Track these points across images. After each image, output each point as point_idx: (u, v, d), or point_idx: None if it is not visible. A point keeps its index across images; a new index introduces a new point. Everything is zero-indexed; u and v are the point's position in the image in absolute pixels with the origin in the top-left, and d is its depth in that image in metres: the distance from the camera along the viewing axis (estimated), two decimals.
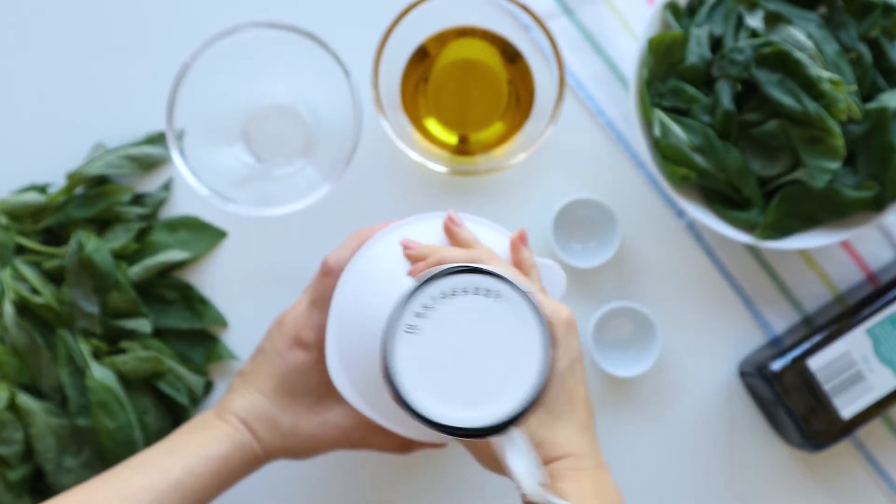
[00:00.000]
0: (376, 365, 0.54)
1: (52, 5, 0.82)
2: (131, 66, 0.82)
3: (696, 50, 0.77)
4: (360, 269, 0.66)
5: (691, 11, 0.79)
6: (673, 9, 0.78)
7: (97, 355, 0.78)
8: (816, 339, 0.78)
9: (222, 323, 0.81)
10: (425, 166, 0.76)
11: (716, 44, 0.78)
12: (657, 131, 0.77)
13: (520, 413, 0.52)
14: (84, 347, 0.77)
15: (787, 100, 0.75)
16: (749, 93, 0.77)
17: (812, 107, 0.74)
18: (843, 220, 0.79)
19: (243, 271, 0.82)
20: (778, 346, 0.80)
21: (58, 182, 0.81)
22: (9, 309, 0.77)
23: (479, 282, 0.52)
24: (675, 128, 0.77)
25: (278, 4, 0.82)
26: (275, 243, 0.82)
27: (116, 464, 0.69)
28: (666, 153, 0.77)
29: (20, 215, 0.79)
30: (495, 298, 0.52)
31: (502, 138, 0.80)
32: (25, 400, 0.77)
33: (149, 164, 0.81)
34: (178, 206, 0.82)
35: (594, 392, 0.82)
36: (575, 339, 0.60)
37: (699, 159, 0.77)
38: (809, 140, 0.75)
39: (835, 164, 0.75)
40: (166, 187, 0.82)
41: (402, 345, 0.52)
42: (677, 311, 0.83)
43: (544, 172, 0.83)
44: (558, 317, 0.59)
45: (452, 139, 0.81)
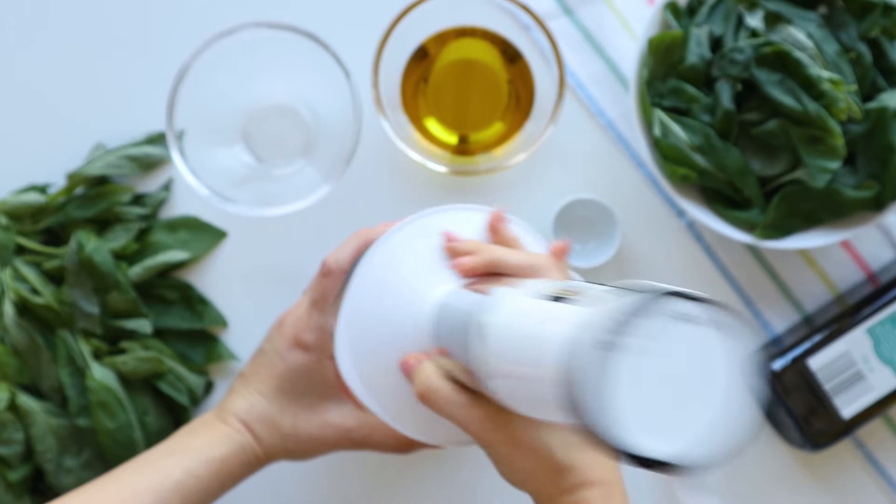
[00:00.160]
0: (393, 360, 0.53)
1: (53, 5, 0.82)
2: (131, 66, 0.82)
3: (696, 50, 0.77)
4: (381, 260, 0.63)
5: (691, 11, 0.79)
6: (673, 9, 0.78)
7: (97, 355, 0.78)
8: (816, 338, 0.78)
9: (222, 323, 0.81)
10: (425, 166, 0.76)
11: (716, 44, 0.78)
12: (657, 131, 0.77)
13: (731, 450, 0.47)
14: (84, 348, 0.77)
15: (787, 99, 0.75)
16: (749, 93, 0.77)
17: (812, 107, 0.74)
18: (843, 219, 0.79)
19: (243, 271, 0.82)
20: (778, 345, 0.80)
21: (58, 182, 0.81)
22: (9, 309, 0.77)
23: (685, 307, 0.46)
24: (675, 128, 0.77)
25: (278, 4, 0.82)
26: (275, 243, 0.82)
27: (117, 464, 0.69)
28: (666, 153, 0.77)
29: (20, 215, 0.79)
30: (698, 324, 0.46)
31: (502, 138, 0.80)
32: (25, 400, 0.77)
33: (149, 164, 0.81)
34: (178, 206, 0.82)
35: None
36: None
37: (699, 159, 0.77)
38: (809, 140, 0.75)
39: (835, 164, 0.75)
40: (166, 187, 0.82)
41: (613, 367, 0.45)
42: None
43: (544, 172, 0.83)
44: None
45: (452, 139, 0.81)
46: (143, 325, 0.79)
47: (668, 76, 0.78)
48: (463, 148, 0.81)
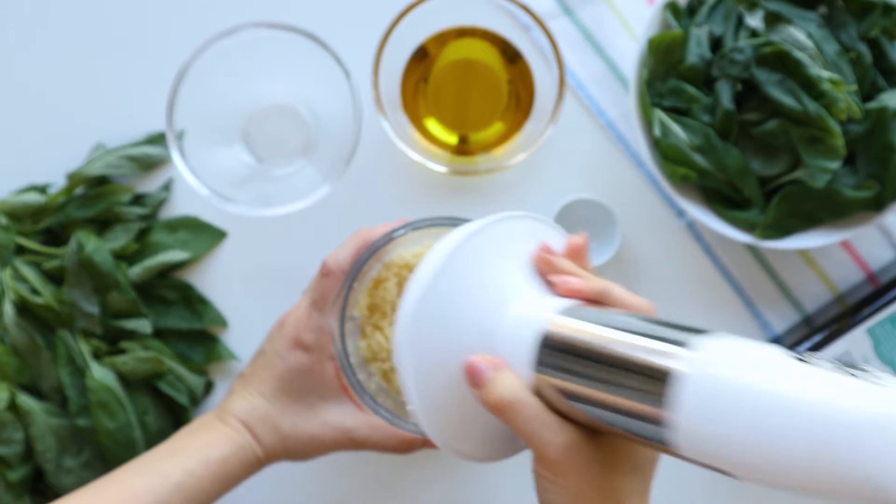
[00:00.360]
0: (452, 359, 0.51)
1: (53, 5, 0.82)
2: (131, 66, 0.82)
3: (696, 50, 0.77)
4: (467, 255, 0.56)
5: (691, 11, 0.79)
6: (673, 9, 0.78)
7: (97, 355, 0.78)
8: (816, 339, 0.78)
9: (222, 323, 0.81)
10: (425, 166, 0.76)
11: (716, 44, 0.78)
12: (657, 131, 0.77)
13: None
14: (84, 347, 0.77)
15: (787, 99, 0.75)
16: (749, 93, 0.77)
17: (812, 106, 0.74)
18: (843, 220, 0.79)
19: (243, 271, 0.82)
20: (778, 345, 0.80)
21: (58, 182, 0.81)
22: (9, 309, 0.77)
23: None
24: (675, 128, 0.77)
25: (278, 4, 0.82)
26: (275, 243, 0.82)
27: (117, 464, 0.69)
28: (666, 153, 0.77)
29: (20, 215, 0.79)
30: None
31: (502, 138, 0.80)
32: (25, 400, 0.77)
33: (149, 164, 0.81)
34: (178, 206, 0.82)
35: None
36: None
37: (699, 159, 0.77)
38: (809, 140, 0.75)
39: (835, 164, 0.75)
40: (166, 187, 0.82)
41: None
42: (677, 311, 0.83)
43: (544, 172, 0.83)
44: None
45: (452, 139, 0.81)
46: (143, 325, 0.79)
47: (668, 76, 0.78)
48: (463, 148, 0.81)
